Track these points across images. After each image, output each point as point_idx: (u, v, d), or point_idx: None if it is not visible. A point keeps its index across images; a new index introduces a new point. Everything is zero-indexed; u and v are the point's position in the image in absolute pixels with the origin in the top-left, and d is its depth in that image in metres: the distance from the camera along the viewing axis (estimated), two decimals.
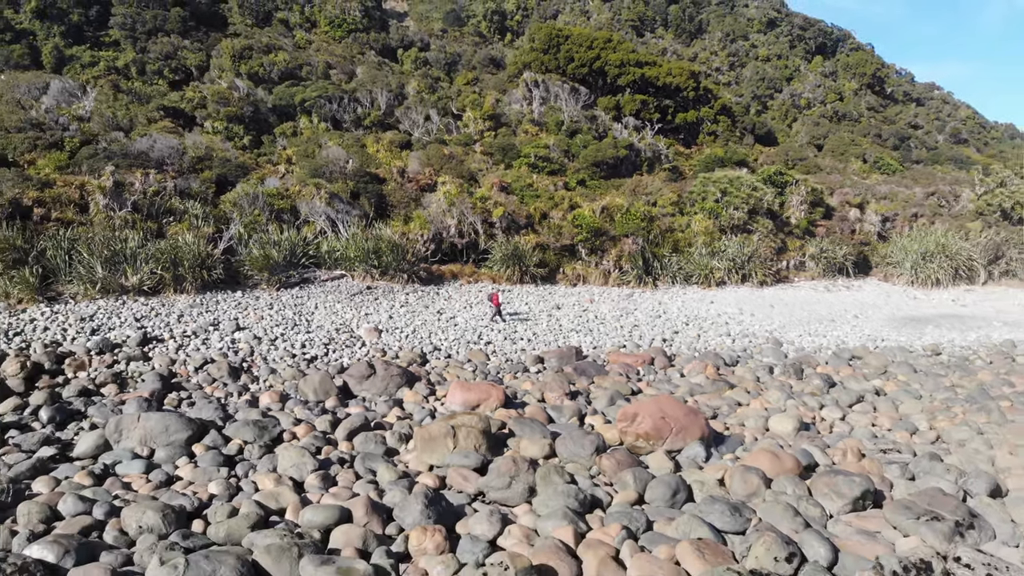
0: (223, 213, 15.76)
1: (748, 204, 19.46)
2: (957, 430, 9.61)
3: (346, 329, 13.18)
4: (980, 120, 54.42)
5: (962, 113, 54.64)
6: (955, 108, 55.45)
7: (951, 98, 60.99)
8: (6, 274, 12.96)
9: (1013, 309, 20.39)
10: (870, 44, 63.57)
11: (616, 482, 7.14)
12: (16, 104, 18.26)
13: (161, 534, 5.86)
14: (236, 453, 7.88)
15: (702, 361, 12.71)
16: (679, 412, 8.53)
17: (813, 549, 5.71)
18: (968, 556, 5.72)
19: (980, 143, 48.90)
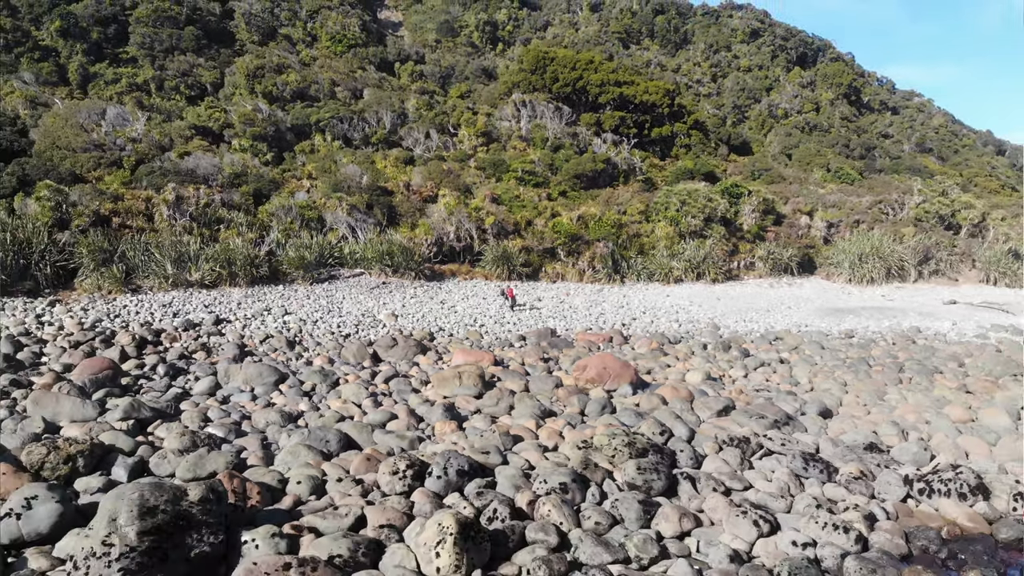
0: (262, 221, 19.83)
1: (704, 213, 23.69)
2: (826, 383, 13.75)
3: (369, 314, 17.26)
4: (953, 128, 58.95)
5: (936, 121, 59.19)
6: (929, 116, 60.02)
7: (929, 106, 65.68)
8: (98, 270, 16.98)
9: (933, 303, 24.69)
10: (850, 53, 68.30)
11: (567, 404, 11.24)
12: (80, 128, 22.24)
13: (281, 424, 9.90)
14: (310, 390, 11.91)
15: (649, 339, 16.85)
16: (616, 365, 12.65)
17: (678, 430, 9.83)
18: (773, 435, 9.85)
19: (950, 151, 53.39)
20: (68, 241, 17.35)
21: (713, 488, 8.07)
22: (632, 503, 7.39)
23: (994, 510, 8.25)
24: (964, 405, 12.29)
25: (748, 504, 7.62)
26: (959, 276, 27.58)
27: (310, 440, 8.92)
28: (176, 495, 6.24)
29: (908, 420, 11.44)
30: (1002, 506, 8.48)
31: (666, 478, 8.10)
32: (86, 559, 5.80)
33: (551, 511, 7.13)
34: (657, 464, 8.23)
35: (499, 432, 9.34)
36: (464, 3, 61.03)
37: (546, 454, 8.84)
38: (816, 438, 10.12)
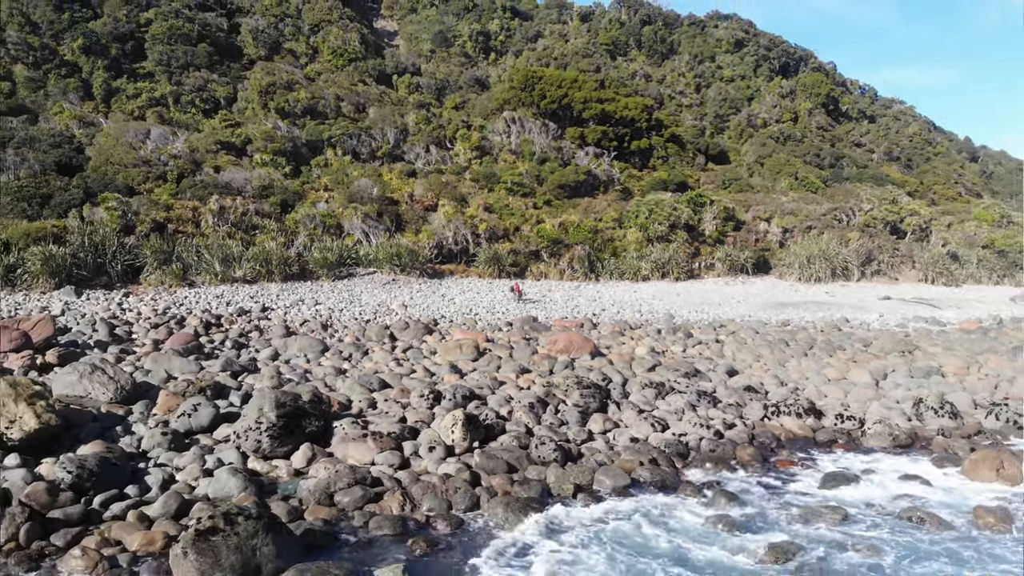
0: (289, 227, 24.43)
1: (669, 220, 28.43)
2: (743, 355, 18.40)
3: (384, 305, 21.85)
4: (927, 136, 63.97)
5: (911, 129, 64.20)
6: (906, 125, 65.03)
7: (908, 113, 70.75)
8: (160, 268, 21.52)
9: (869, 298, 29.45)
10: (832, 63, 73.42)
11: (540, 365, 15.85)
12: (129, 146, 26.77)
13: (334, 375, 14.47)
14: (348, 356, 16.46)
15: (614, 325, 21.50)
16: (580, 340, 17.30)
17: (616, 378, 14.46)
18: (683, 381, 14.51)
19: (921, 159, 58.38)
20: (133, 244, 21.89)
21: (631, 408, 12.72)
22: (574, 413, 12.03)
23: (819, 424, 12.94)
24: (842, 369, 17.01)
25: (651, 417, 12.27)
26: (899, 276, 32.41)
27: (359, 381, 13.53)
28: (295, 397, 10.85)
29: (792, 376, 16.14)
30: (828, 423, 13.18)
31: (600, 402, 12.74)
32: (246, 431, 10.37)
33: (522, 415, 11.76)
34: (594, 393, 12.88)
35: (490, 377, 13.97)
36: (458, 13, 65.81)
37: (521, 390, 13.48)
38: (715, 385, 14.79)
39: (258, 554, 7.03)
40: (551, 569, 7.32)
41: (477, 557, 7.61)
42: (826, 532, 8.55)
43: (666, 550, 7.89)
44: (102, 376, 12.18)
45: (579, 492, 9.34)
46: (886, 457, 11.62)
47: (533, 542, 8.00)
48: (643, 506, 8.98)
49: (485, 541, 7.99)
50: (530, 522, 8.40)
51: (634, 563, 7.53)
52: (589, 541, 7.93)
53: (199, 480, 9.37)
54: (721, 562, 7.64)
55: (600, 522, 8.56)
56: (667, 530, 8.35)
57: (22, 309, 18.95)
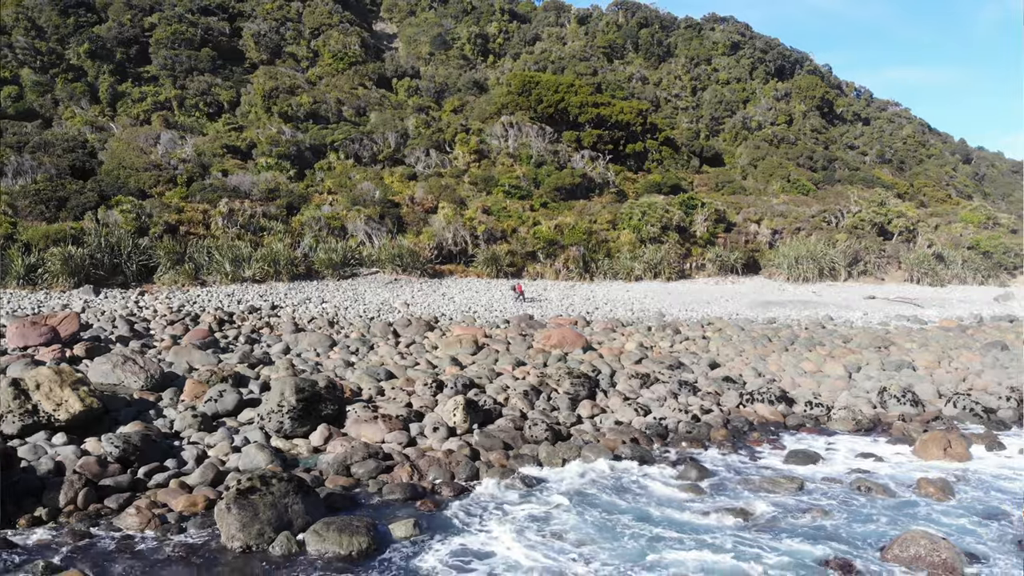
0: (295, 229, 25.71)
1: (661, 222, 29.76)
2: (727, 350, 19.71)
3: (386, 303, 23.14)
4: (921, 138, 65.45)
5: (905, 131, 65.63)
6: (900, 127, 66.45)
7: (902, 116, 72.17)
8: (173, 268, 22.79)
9: (854, 298, 30.78)
10: (827, 65, 74.94)
11: (535, 358, 17.14)
12: (140, 150, 28.06)
13: (343, 367, 15.75)
14: (355, 351, 17.74)
15: (606, 322, 22.80)
16: (572, 335, 18.60)
17: (604, 369, 15.76)
18: (667, 372, 15.82)
19: (914, 161, 59.84)
20: (147, 245, 23.16)
21: (617, 396, 14.03)
22: (565, 399, 13.34)
23: (790, 411, 14.26)
24: (818, 362, 18.33)
25: (636, 403, 13.58)
26: (886, 276, 33.76)
27: (367, 372, 14.83)
28: (313, 384, 12.14)
29: (771, 369, 17.46)
30: (799, 410, 14.49)
31: (589, 390, 14.05)
32: (269, 413, 11.66)
33: (517, 401, 13.07)
34: (584, 383, 14.19)
35: (488, 369, 15.29)
36: (456, 16, 67.13)
37: (517, 380, 14.78)
38: (696, 376, 16.11)
39: (289, 510, 8.32)
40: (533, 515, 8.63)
41: (475, 515, 8.90)
42: (782, 498, 9.86)
43: (632, 508, 9.20)
44: (133, 366, 13.48)
45: (566, 464, 10.64)
46: (848, 439, 12.94)
47: (523, 502, 9.30)
48: (621, 475, 10.28)
49: (483, 503, 9.29)
50: (523, 487, 9.69)
51: (602, 518, 8.84)
52: (568, 501, 9.24)
53: (229, 455, 10.66)
54: (681, 519, 8.94)
55: (581, 487, 9.86)
56: (638, 495, 9.66)
57: (44, 307, 20.21)
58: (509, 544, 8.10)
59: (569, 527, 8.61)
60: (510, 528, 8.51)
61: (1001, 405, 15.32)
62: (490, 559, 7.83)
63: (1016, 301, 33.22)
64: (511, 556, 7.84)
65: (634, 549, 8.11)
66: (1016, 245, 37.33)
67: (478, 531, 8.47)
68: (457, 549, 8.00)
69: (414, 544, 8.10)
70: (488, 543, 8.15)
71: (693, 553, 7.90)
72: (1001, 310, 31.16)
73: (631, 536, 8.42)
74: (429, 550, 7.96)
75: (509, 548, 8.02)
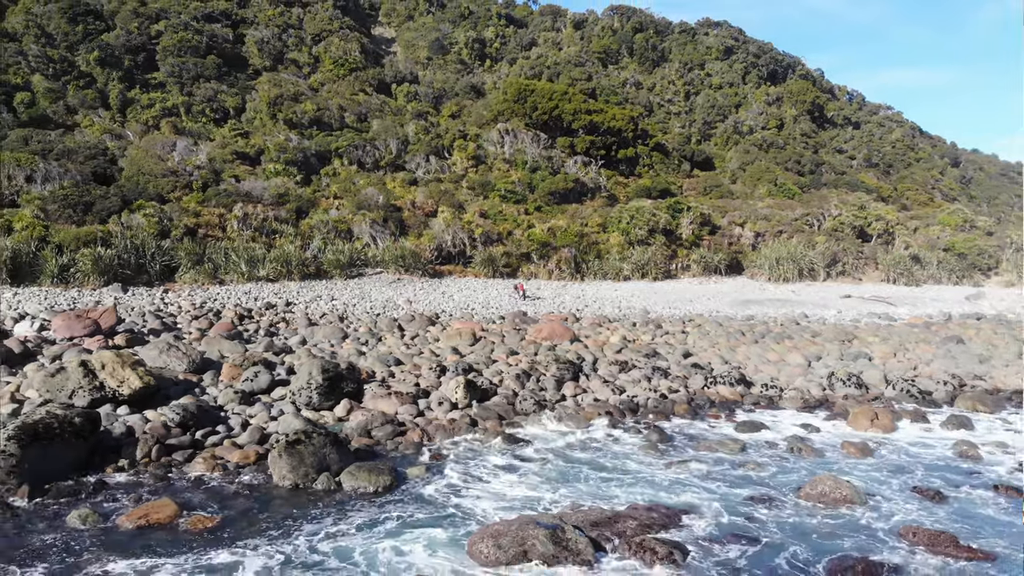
0: (305, 232, 28.11)
1: (648, 225, 32.22)
2: (702, 342, 22.15)
3: (391, 301, 25.54)
4: (910, 142, 68.02)
5: (895, 135, 68.20)
6: (889, 131, 69.01)
7: (893, 119, 74.73)
8: (193, 268, 25.16)
9: (831, 297, 33.25)
10: (819, 69, 77.46)
11: (527, 348, 19.56)
12: (157, 158, 30.45)
13: (356, 355, 18.15)
14: (365, 342, 20.13)
15: (594, 318, 25.22)
16: (561, 329, 21.03)
17: (588, 357, 18.19)
18: (643, 360, 18.25)
19: (902, 164, 62.36)
20: (169, 246, 25.54)
21: (597, 379, 16.46)
22: (551, 381, 15.77)
23: (747, 391, 16.70)
24: (782, 353, 20.77)
25: (613, 385, 16.00)
26: (863, 276, 36.24)
27: (379, 358, 17.24)
28: (335, 365, 14.56)
29: (738, 358, 19.89)
30: (756, 391, 16.93)
31: (573, 374, 16.48)
32: (299, 389, 14.06)
33: (510, 383, 15.50)
34: (569, 368, 16.62)
35: (485, 357, 17.72)
36: (454, 21, 69.61)
37: (510, 366, 17.21)
38: (670, 363, 18.55)
39: (327, 458, 10.73)
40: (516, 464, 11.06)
41: (471, 463, 11.32)
42: (725, 455, 12.28)
43: (597, 460, 11.63)
44: (177, 352, 15.88)
45: (549, 430, 13.06)
46: (794, 414, 15.38)
47: (510, 455, 11.73)
48: (593, 438, 12.72)
49: (478, 456, 11.71)
50: (512, 445, 12.13)
51: (570, 466, 11.28)
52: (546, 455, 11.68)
53: (268, 423, 13.05)
54: (635, 468, 11.35)
55: (558, 446, 12.30)
56: (604, 451, 12.09)
57: (78, 303, 22.59)
58: (495, 481, 10.53)
59: (543, 471, 11.04)
60: (497, 471, 10.94)
61: (938, 388, 17.78)
62: (480, 487, 10.27)
63: (986, 300, 35.77)
64: (495, 488, 10.28)
65: (592, 486, 10.53)
66: (990, 247, 39.85)
67: (473, 473, 10.90)
68: (456, 484, 10.43)
69: (424, 482, 10.52)
70: (480, 480, 10.59)
71: (637, 489, 10.33)
72: (970, 308, 33.71)
73: (591, 478, 10.85)
74: (435, 485, 10.39)
75: (495, 483, 10.45)
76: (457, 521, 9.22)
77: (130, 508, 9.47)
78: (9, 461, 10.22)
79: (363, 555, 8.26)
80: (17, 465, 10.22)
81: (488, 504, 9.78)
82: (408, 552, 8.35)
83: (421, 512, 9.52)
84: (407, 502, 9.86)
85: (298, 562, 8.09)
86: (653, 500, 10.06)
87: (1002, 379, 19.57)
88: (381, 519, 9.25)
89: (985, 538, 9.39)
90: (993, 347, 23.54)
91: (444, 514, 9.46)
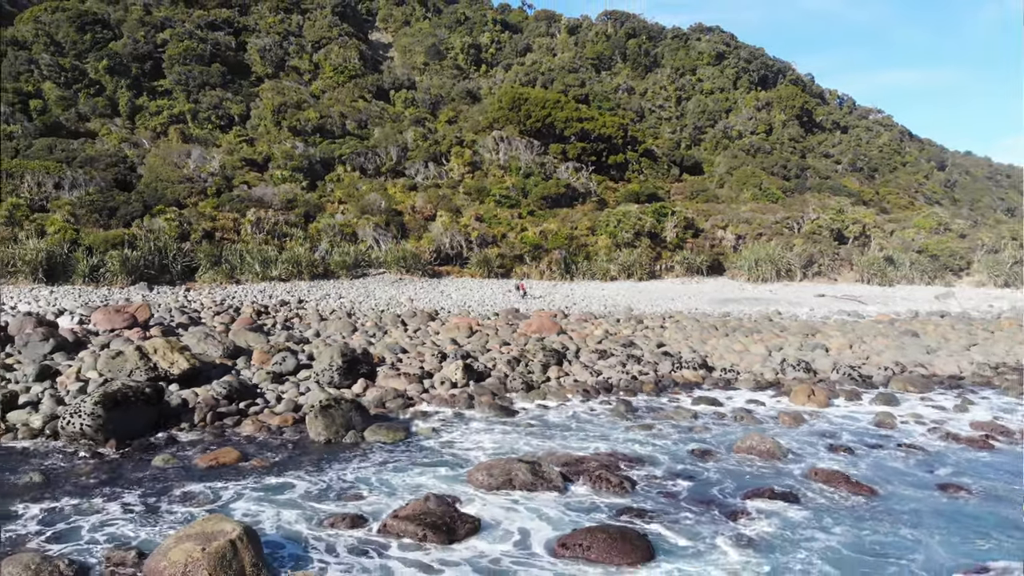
0: (313, 235, 31.01)
1: (634, 229, 35.20)
2: (677, 335, 25.10)
3: (394, 299, 28.43)
4: (897, 146, 71.23)
5: (882, 139, 71.39)
6: (877, 135, 72.22)
7: (884, 122, 77.95)
8: (212, 268, 28.03)
9: (806, 296, 36.27)
10: (809, 74, 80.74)
11: (518, 340, 22.48)
12: (173, 165, 33.34)
13: (367, 344, 21.05)
14: (372, 335, 23.03)
15: (581, 315, 28.15)
16: (549, 323, 23.96)
17: (571, 346, 21.13)
18: (620, 348, 21.18)
19: (887, 168, 65.55)
20: (189, 248, 28.43)
21: (578, 364, 19.39)
22: (538, 365, 18.70)
23: (708, 375, 19.66)
24: (746, 344, 23.71)
25: (592, 369, 18.92)
26: (838, 277, 39.26)
27: (387, 347, 20.15)
28: (352, 351, 17.47)
29: (706, 349, 22.84)
30: (716, 374, 19.88)
31: (557, 360, 19.40)
32: (322, 370, 16.96)
33: (502, 367, 18.43)
34: (554, 355, 19.55)
35: (480, 346, 20.66)
36: (450, 26, 72.61)
37: (502, 354, 20.14)
38: (644, 352, 21.49)
39: (352, 419, 13.63)
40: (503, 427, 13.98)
41: (468, 425, 14.25)
42: (679, 422, 15.22)
43: (569, 424, 14.55)
44: (213, 340, 18.77)
45: (533, 402, 15.99)
46: (746, 392, 18.31)
47: (498, 421, 14.66)
48: (569, 409, 15.67)
49: (473, 420, 14.65)
50: (501, 413, 15.06)
51: (547, 428, 14.20)
52: (528, 420, 14.61)
53: (298, 397, 15.94)
54: (601, 430, 14.26)
55: (539, 415, 15.24)
56: (575, 419, 15.02)
57: (109, 300, 25.46)
58: (487, 437, 13.47)
59: (526, 431, 13.97)
60: (489, 431, 13.87)
61: (878, 374, 20.75)
62: (475, 441, 13.21)
63: (955, 300, 38.82)
64: (487, 442, 13.20)
65: (565, 441, 13.44)
66: (962, 249, 42.93)
67: (470, 433, 13.83)
68: (456, 439, 13.36)
69: (430, 438, 13.44)
70: (472, 436, 13.53)
71: (602, 443, 13.25)
72: (938, 307, 36.76)
73: (565, 436, 13.77)
74: (439, 439, 13.32)
75: (487, 439, 13.39)
76: (457, 463, 12.13)
77: (200, 454, 12.36)
78: (97, 421, 13.08)
79: (384, 483, 11.16)
80: (104, 424, 13.09)
81: (481, 452, 12.68)
82: (420, 481, 11.25)
83: (429, 457, 12.43)
84: (417, 451, 12.77)
85: (334, 486, 10.98)
86: (613, 450, 12.99)
87: (941, 366, 22.56)
88: (397, 461, 12.16)
89: (874, 480, 12.29)
90: (945, 340, 26.59)
91: (447, 458, 12.38)
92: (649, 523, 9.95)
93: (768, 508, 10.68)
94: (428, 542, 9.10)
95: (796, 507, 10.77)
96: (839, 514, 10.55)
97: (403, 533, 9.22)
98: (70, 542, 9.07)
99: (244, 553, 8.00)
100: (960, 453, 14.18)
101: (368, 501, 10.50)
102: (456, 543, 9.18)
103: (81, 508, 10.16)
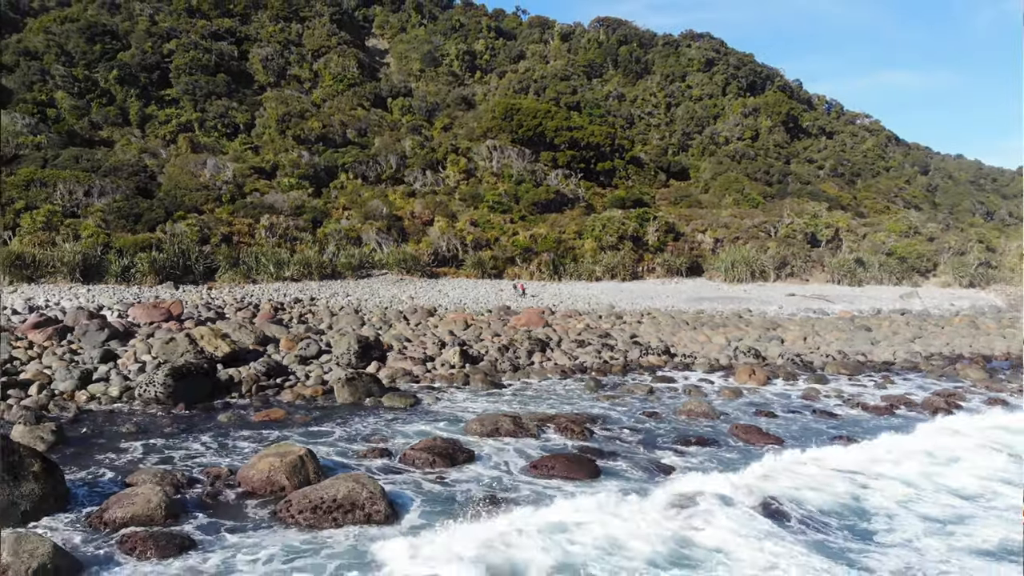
0: (321, 239, 34.93)
1: (618, 233, 39.22)
2: (651, 328, 29.07)
3: (395, 297, 32.35)
4: (880, 151, 75.43)
5: (866, 144, 75.54)
6: (862, 140, 76.40)
7: (871, 127, 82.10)
8: (231, 269, 31.90)
9: (777, 295, 40.29)
10: (797, 80, 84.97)
11: (508, 332, 26.43)
12: (191, 174, 37.22)
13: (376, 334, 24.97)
14: (379, 327, 26.92)
15: (566, 311, 32.11)
16: (537, 318, 27.93)
17: (554, 337, 25.11)
18: (596, 338, 25.15)
19: (870, 173, 69.71)
20: (209, 251, 32.29)
21: (559, 351, 23.36)
22: (524, 352, 22.67)
23: (670, 360, 23.65)
24: (710, 335, 27.70)
25: (570, 355, 22.89)
26: (810, 277, 43.31)
27: (393, 337, 24.09)
28: (366, 338, 21.42)
29: (673, 339, 26.82)
30: (677, 360, 23.87)
31: (541, 348, 23.37)
32: (342, 353, 20.88)
33: (494, 353, 22.39)
34: (538, 343, 23.51)
35: (474, 337, 24.64)
36: (445, 33, 76.54)
37: (494, 343, 24.10)
38: (617, 342, 25.47)
39: (371, 389, 17.56)
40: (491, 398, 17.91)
41: (464, 395, 18.22)
42: (638, 394, 19.17)
43: (547, 393, 18.53)
44: (245, 330, 22.69)
45: (518, 380, 19.98)
46: (700, 374, 22.29)
47: (488, 394, 18.62)
48: (548, 384, 19.65)
49: (469, 392, 18.61)
50: (491, 388, 19.04)
51: (528, 397, 18.17)
52: (512, 393, 18.60)
53: (324, 375, 19.85)
54: (572, 398, 18.23)
55: (522, 388, 19.22)
56: (551, 391, 19.00)
57: (141, 298, 29.33)
58: (480, 404, 17.44)
59: (511, 400, 17.95)
60: (481, 399, 17.85)
61: (818, 360, 24.75)
62: (470, 405, 17.18)
63: (918, 299, 42.90)
64: (479, 408, 17.17)
65: (542, 405, 17.41)
66: (929, 251, 47.04)
67: (465, 400, 17.80)
68: (455, 405, 17.33)
69: (433, 404, 17.41)
70: (468, 403, 17.51)
71: (571, 407, 17.24)
72: (901, 305, 40.81)
73: (542, 402, 17.74)
74: (441, 405, 17.29)
75: (479, 405, 17.36)
76: (456, 419, 16.06)
77: (254, 413, 16.28)
78: (168, 389, 16.97)
79: (400, 432, 15.08)
80: (173, 391, 16.98)
81: (474, 413, 16.61)
82: (428, 429, 15.18)
83: (434, 416, 16.38)
84: (424, 412, 16.72)
85: (363, 432, 14.90)
86: (581, 411, 16.96)
87: (879, 355, 26.57)
88: (409, 417, 16.11)
89: (782, 435, 16.25)
90: (894, 334, 30.64)
91: (448, 417, 16.32)
92: (600, 456, 13.88)
93: (691, 450, 14.64)
94: (437, 466, 13.00)
95: (713, 448, 14.74)
96: (747, 452, 14.52)
97: (418, 459, 13.12)
98: (170, 464, 12.93)
99: (309, 463, 11.91)
100: (862, 417, 18.15)
101: (389, 443, 14.40)
102: (457, 466, 13.10)
103: (171, 445, 14.05)
